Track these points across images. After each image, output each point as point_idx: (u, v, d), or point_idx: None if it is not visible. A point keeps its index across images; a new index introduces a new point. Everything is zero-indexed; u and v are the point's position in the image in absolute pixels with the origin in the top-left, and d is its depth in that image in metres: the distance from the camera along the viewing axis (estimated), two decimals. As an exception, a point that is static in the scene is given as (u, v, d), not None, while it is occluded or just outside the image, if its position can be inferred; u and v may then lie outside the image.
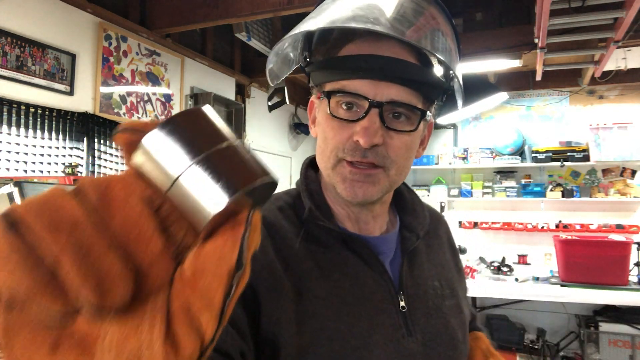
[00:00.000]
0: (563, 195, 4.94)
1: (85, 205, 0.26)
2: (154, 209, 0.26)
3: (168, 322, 0.26)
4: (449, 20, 0.64)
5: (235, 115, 4.25)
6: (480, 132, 5.43)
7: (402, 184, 0.76)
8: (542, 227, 4.96)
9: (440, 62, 0.61)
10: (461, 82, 0.66)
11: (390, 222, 0.74)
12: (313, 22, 0.58)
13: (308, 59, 0.67)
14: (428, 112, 0.63)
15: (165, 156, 0.24)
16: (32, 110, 2.50)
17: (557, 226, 4.95)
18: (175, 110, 3.64)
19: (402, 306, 0.65)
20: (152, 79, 3.40)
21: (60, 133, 2.67)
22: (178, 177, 0.24)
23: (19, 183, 1.61)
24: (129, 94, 3.19)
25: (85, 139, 2.82)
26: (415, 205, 0.76)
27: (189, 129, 0.25)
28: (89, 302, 0.24)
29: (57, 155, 2.64)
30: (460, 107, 0.72)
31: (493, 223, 5.22)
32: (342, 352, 0.58)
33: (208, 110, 0.27)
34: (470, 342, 0.78)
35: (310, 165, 0.74)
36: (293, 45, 0.70)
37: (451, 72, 0.62)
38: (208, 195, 0.24)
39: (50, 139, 2.61)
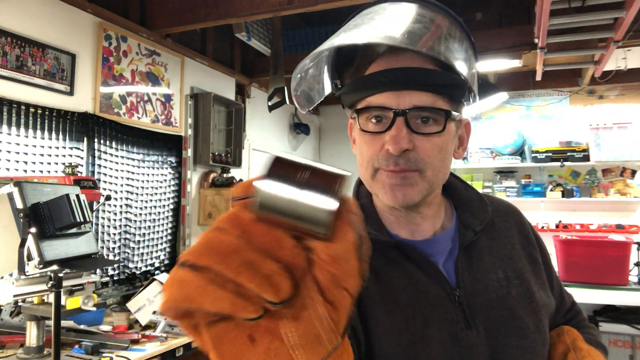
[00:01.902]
0: (563, 195, 4.94)
1: (233, 235, 0.34)
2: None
3: (322, 293, 0.35)
4: (460, 26, 0.68)
5: (235, 115, 4.25)
6: (480, 132, 5.43)
7: (459, 181, 0.82)
8: (542, 227, 4.96)
9: (454, 65, 0.64)
10: (476, 83, 0.70)
11: (447, 219, 0.77)
12: (328, 43, 0.62)
13: (339, 85, 0.73)
14: (454, 112, 0.66)
15: (279, 192, 0.34)
16: (32, 110, 2.50)
17: (557, 226, 4.95)
18: (175, 110, 3.64)
19: (459, 301, 0.67)
20: (152, 79, 3.40)
21: (60, 133, 2.67)
22: (295, 200, 0.34)
23: (19, 183, 1.61)
24: (129, 94, 3.19)
25: (85, 139, 2.82)
26: (472, 202, 0.79)
27: (282, 172, 0.34)
28: (270, 300, 0.32)
29: (57, 155, 2.64)
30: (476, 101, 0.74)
31: (493, 223, 5.21)
32: (399, 346, 0.63)
33: (281, 154, 0.36)
34: (554, 336, 0.79)
35: (362, 183, 0.78)
36: (318, 71, 0.73)
37: (469, 72, 0.65)
38: (321, 204, 0.33)
39: (50, 139, 2.61)
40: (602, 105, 5.08)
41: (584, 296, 2.79)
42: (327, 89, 0.76)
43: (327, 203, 0.33)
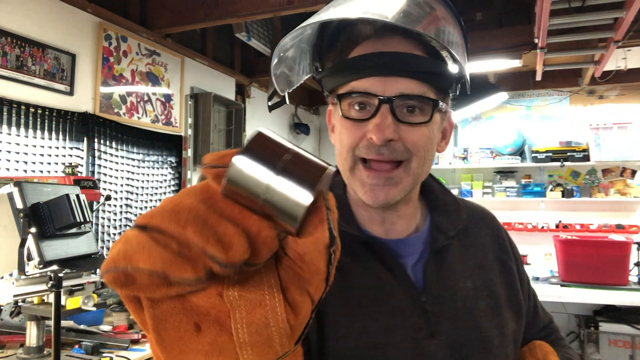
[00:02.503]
0: (563, 195, 4.94)
1: (194, 199, 0.32)
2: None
3: (282, 292, 0.32)
4: (455, 16, 0.65)
5: (235, 115, 4.25)
6: (480, 132, 5.43)
7: (437, 183, 0.77)
8: (542, 227, 4.96)
9: (447, 52, 0.62)
10: (468, 77, 0.67)
11: (421, 221, 0.73)
12: (310, 20, 0.58)
13: (320, 69, 0.69)
14: (441, 103, 0.63)
15: (253, 173, 0.31)
16: (32, 110, 2.50)
17: (557, 226, 4.95)
18: (175, 110, 3.64)
19: (425, 308, 0.64)
20: (152, 79, 3.40)
21: (60, 133, 2.67)
22: (268, 185, 0.31)
23: (19, 183, 1.61)
24: (129, 94, 3.19)
25: (85, 139, 2.82)
26: (447, 205, 0.74)
27: (262, 150, 0.32)
28: (215, 259, 0.29)
29: (57, 155, 2.64)
30: (468, 100, 0.71)
31: (493, 223, 5.21)
32: (357, 350, 0.59)
33: (267, 131, 0.33)
34: (525, 351, 0.75)
35: (339, 172, 0.75)
36: (300, 53, 0.69)
37: (460, 62, 0.62)
38: (296, 195, 0.31)
39: (50, 139, 2.60)
40: (602, 105, 5.08)
41: (584, 296, 2.78)
42: (307, 71, 0.71)
43: (302, 195, 0.31)
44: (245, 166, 0.31)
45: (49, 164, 2.58)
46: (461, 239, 0.72)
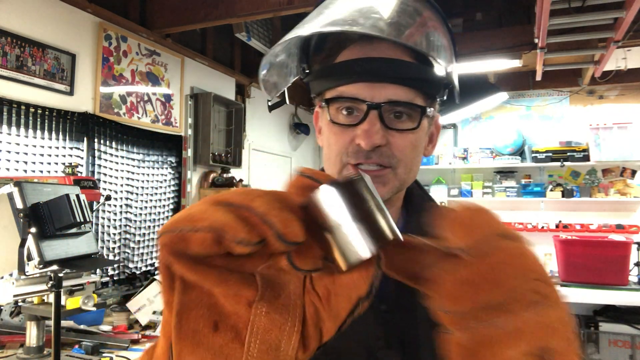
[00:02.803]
0: (563, 195, 4.94)
1: (269, 194, 0.33)
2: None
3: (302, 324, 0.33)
4: (443, 20, 0.64)
5: (235, 115, 4.25)
6: (480, 132, 5.43)
7: (419, 189, 0.76)
8: (542, 227, 4.96)
9: (435, 59, 0.61)
10: (456, 82, 0.66)
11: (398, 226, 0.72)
12: (302, 29, 0.58)
13: (307, 71, 0.68)
14: (429, 109, 0.63)
15: (335, 207, 0.34)
16: (32, 110, 2.50)
17: (557, 226, 4.95)
18: (175, 110, 3.64)
19: (383, 316, 0.62)
20: (152, 79, 3.40)
21: (60, 133, 2.67)
22: (341, 225, 0.34)
23: (19, 183, 1.61)
24: (129, 94, 3.19)
25: (85, 139, 2.82)
26: (423, 212, 0.72)
27: (353, 195, 0.34)
28: (274, 226, 0.31)
29: (57, 155, 2.64)
30: (457, 103, 0.71)
31: (493, 223, 5.21)
32: None
33: (368, 181, 0.35)
34: None
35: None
36: (289, 56, 0.69)
37: (447, 67, 0.62)
38: (359, 245, 0.33)
39: (50, 139, 2.60)
40: (602, 105, 5.08)
41: (583, 296, 2.78)
42: (295, 73, 0.71)
43: (364, 249, 0.33)
44: (332, 198, 0.34)
45: (49, 164, 2.58)
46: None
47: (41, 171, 2.52)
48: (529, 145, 5.22)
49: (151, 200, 3.40)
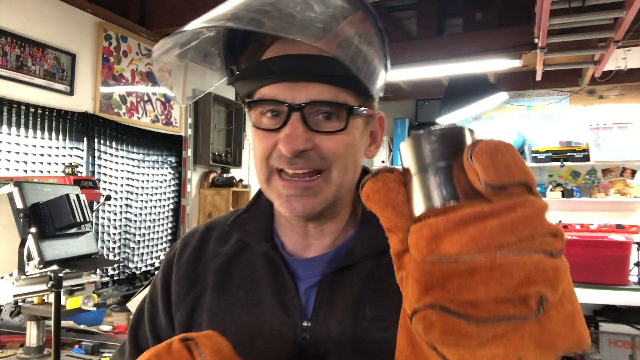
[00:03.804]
0: (563, 195, 4.94)
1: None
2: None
3: None
4: (369, 13, 0.58)
5: (235, 115, 4.25)
6: (480, 132, 5.43)
7: None
8: (542, 227, 4.95)
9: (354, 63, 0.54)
10: (382, 77, 0.61)
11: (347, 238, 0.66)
12: (191, 24, 0.52)
13: (236, 72, 0.62)
14: (361, 108, 0.57)
15: (418, 154, 0.32)
16: (32, 110, 2.50)
17: (557, 226, 4.94)
18: (175, 110, 3.64)
19: (304, 337, 0.58)
20: (152, 79, 3.40)
21: (60, 133, 2.67)
22: (420, 172, 0.32)
23: (19, 183, 1.61)
24: (129, 94, 3.19)
25: (85, 139, 2.82)
26: (370, 223, 0.64)
27: (439, 141, 0.32)
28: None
29: (57, 155, 2.64)
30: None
31: (493, 223, 5.21)
32: None
33: (459, 130, 0.33)
34: None
35: None
36: (205, 57, 0.63)
37: (374, 62, 0.56)
38: (434, 193, 0.31)
39: (50, 139, 2.61)
40: (602, 105, 5.08)
41: (584, 296, 2.78)
42: (220, 76, 0.65)
43: (437, 200, 0.32)
44: (418, 145, 0.32)
45: (49, 164, 2.58)
46: (380, 260, 0.62)
47: (41, 171, 2.52)
48: (529, 145, 5.21)
49: (151, 200, 3.40)
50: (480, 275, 0.27)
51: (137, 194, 3.26)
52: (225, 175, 4.12)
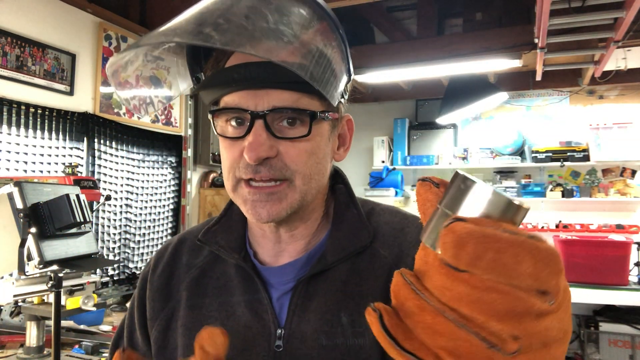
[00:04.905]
0: (563, 195, 4.94)
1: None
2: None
3: None
4: (328, 17, 0.57)
5: (235, 115, 4.25)
6: (480, 132, 5.42)
7: (346, 195, 0.68)
8: (542, 227, 4.95)
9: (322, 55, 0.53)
10: (347, 80, 0.60)
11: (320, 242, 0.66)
12: (146, 38, 0.52)
13: (201, 79, 0.62)
14: (320, 112, 0.57)
15: (460, 198, 0.33)
16: (32, 110, 2.50)
17: (557, 226, 4.94)
18: (175, 110, 3.64)
19: (278, 345, 0.59)
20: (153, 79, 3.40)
21: (60, 133, 2.67)
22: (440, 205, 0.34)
23: (19, 183, 1.61)
24: (129, 94, 3.19)
25: (85, 139, 2.82)
26: (343, 223, 0.65)
27: (460, 193, 0.33)
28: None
29: (57, 155, 2.64)
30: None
31: (493, 223, 5.21)
32: None
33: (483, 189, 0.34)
34: None
35: None
36: (174, 66, 0.63)
37: (333, 63, 0.55)
38: (432, 232, 0.33)
39: (50, 139, 2.61)
40: (602, 105, 5.08)
41: (584, 296, 2.79)
42: (186, 84, 0.64)
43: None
44: (459, 192, 0.33)
45: (49, 164, 2.58)
46: (355, 262, 0.62)
47: (41, 171, 2.52)
48: (529, 145, 5.21)
49: (151, 200, 3.40)
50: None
51: (137, 194, 3.26)
52: (225, 175, 4.12)
